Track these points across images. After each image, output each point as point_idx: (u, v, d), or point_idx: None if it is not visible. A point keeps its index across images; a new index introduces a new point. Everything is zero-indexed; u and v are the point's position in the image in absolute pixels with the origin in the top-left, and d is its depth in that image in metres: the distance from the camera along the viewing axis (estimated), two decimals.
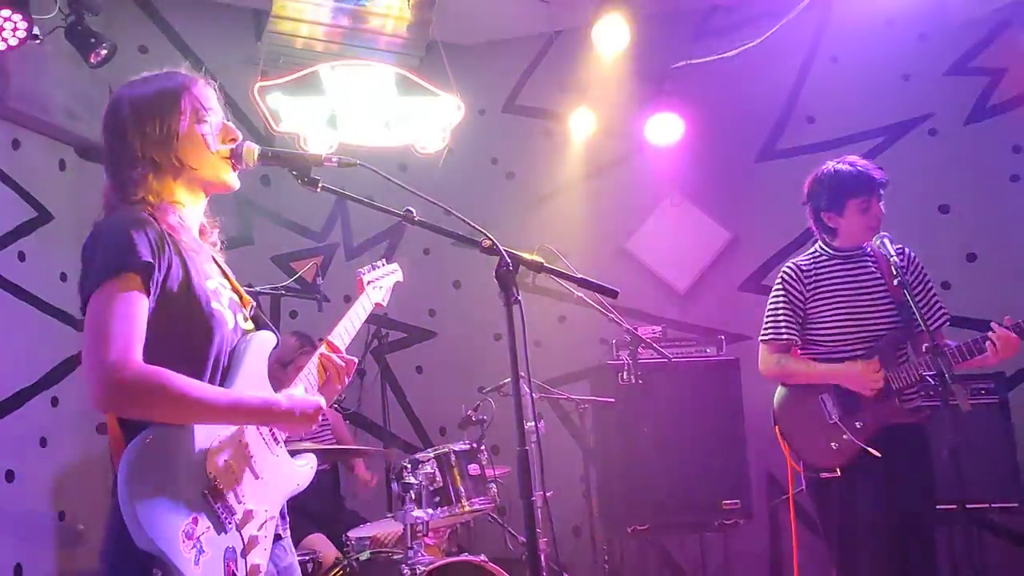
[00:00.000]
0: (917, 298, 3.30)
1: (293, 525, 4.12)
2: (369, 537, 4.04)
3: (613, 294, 2.21)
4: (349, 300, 5.38)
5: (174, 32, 5.16)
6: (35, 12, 3.98)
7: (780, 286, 3.56)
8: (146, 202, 1.91)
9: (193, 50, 5.08)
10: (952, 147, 5.37)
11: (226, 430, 1.86)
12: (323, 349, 2.16)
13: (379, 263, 2.63)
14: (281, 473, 1.99)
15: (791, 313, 3.51)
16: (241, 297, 2.08)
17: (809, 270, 3.53)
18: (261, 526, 1.88)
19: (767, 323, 3.59)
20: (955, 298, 5.17)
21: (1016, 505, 4.47)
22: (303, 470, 2.07)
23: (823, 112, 5.60)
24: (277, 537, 1.98)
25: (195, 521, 1.71)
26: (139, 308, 1.78)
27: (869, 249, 3.49)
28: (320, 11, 4.96)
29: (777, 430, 3.52)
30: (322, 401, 1.99)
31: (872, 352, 3.37)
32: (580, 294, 3.72)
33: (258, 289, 4.32)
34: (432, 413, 5.67)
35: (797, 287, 3.52)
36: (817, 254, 3.58)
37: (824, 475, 3.34)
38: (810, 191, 3.59)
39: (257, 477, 1.90)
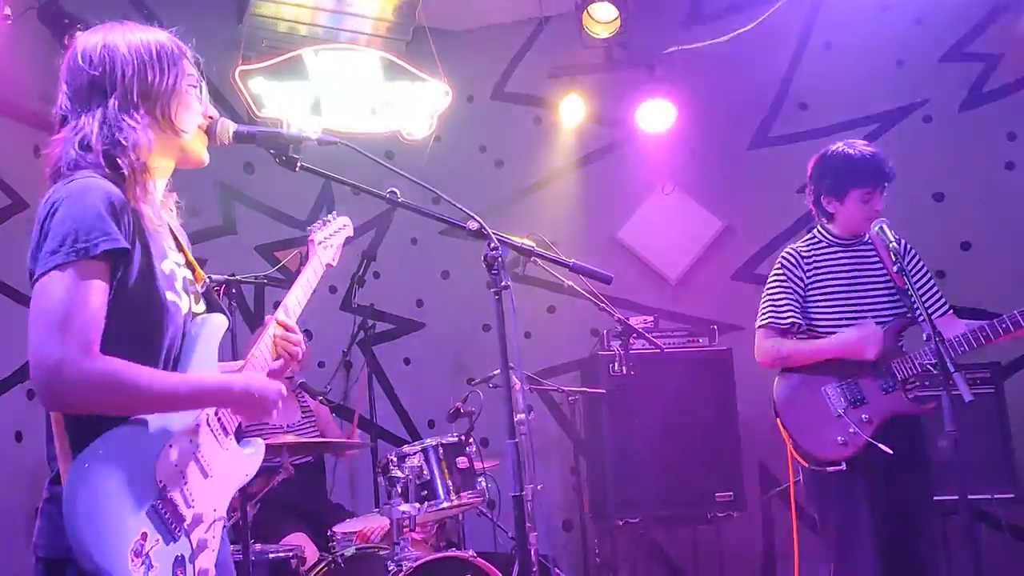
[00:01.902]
0: (917, 286, 3.24)
1: (277, 520, 4.08)
2: (355, 532, 3.96)
3: (606, 279, 2.13)
4: (335, 291, 5.38)
5: (152, 13, 5.02)
6: None
7: (780, 270, 3.48)
8: (117, 165, 1.75)
9: (172, 33, 4.93)
10: (947, 134, 5.31)
11: (178, 428, 1.76)
12: (274, 328, 2.04)
13: (329, 217, 2.47)
14: (231, 467, 1.91)
15: (792, 296, 3.42)
16: (195, 272, 1.95)
17: (808, 256, 3.46)
18: (209, 527, 1.80)
19: (765, 307, 3.49)
20: (950, 287, 5.10)
21: (1012, 496, 4.43)
22: (251, 458, 1.99)
23: (817, 98, 5.53)
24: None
25: (144, 536, 1.62)
26: (102, 298, 1.67)
27: (868, 237, 3.41)
28: None
29: (779, 423, 3.42)
30: (283, 388, 1.89)
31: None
32: (571, 283, 3.63)
33: (240, 278, 4.21)
34: (420, 405, 5.58)
35: (797, 272, 3.44)
36: (816, 240, 3.51)
37: (830, 469, 3.25)
38: (814, 171, 3.48)
39: (207, 476, 1.81)
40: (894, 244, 3.16)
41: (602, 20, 5.08)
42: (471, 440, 3.96)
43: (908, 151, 5.28)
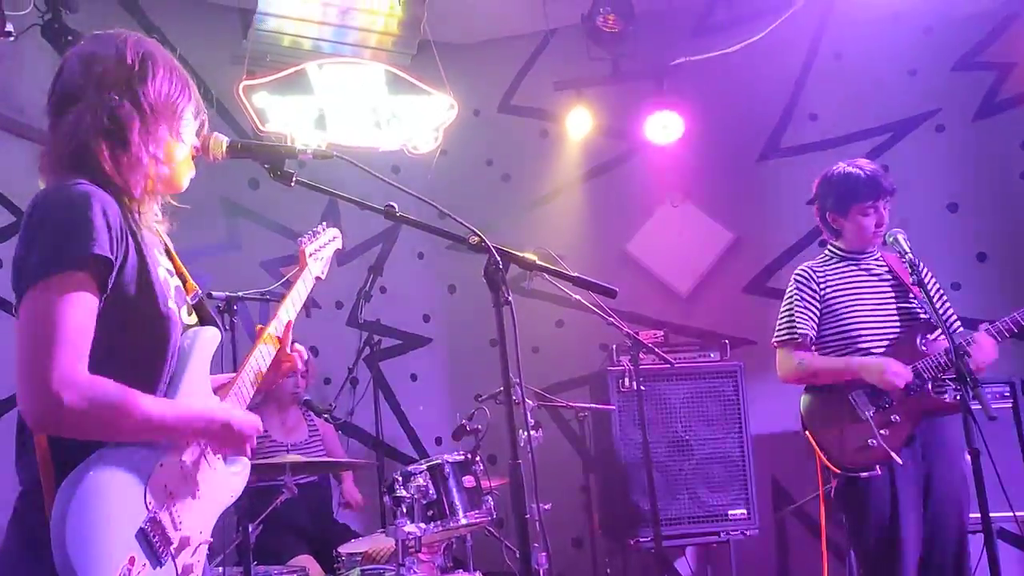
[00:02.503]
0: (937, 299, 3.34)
1: (282, 541, 4.02)
2: (360, 553, 3.89)
3: (611, 293, 2.06)
4: (341, 307, 5.34)
5: (157, 29, 5.01)
6: (9, 9, 3.85)
7: (794, 286, 3.57)
8: (106, 174, 1.67)
9: (176, 48, 4.89)
10: (960, 144, 5.23)
11: (169, 447, 1.70)
12: (260, 349, 1.97)
13: (319, 228, 2.40)
14: (219, 488, 1.84)
15: (806, 310, 3.50)
16: (186, 283, 1.86)
17: (821, 271, 3.55)
18: (195, 551, 1.74)
19: (782, 324, 3.56)
20: (966, 299, 5.03)
21: None
22: (237, 477, 1.91)
23: (827, 109, 5.47)
24: None
25: (131, 561, 1.56)
26: (90, 312, 1.58)
27: (878, 253, 3.53)
28: (308, 8, 4.82)
29: (808, 434, 3.45)
30: (259, 424, 1.84)
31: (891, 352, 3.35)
32: (578, 297, 3.57)
33: (244, 295, 4.17)
34: (427, 422, 5.51)
35: (811, 286, 3.52)
36: (827, 257, 3.61)
37: (864, 474, 3.26)
38: (818, 190, 3.61)
39: (195, 498, 1.75)
40: (910, 255, 3.23)
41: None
42: (478, 458, 3.89)
43: (921, 161, 5.21)
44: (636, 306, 5.43)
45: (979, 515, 2.94)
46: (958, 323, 3.47)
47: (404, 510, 3.56)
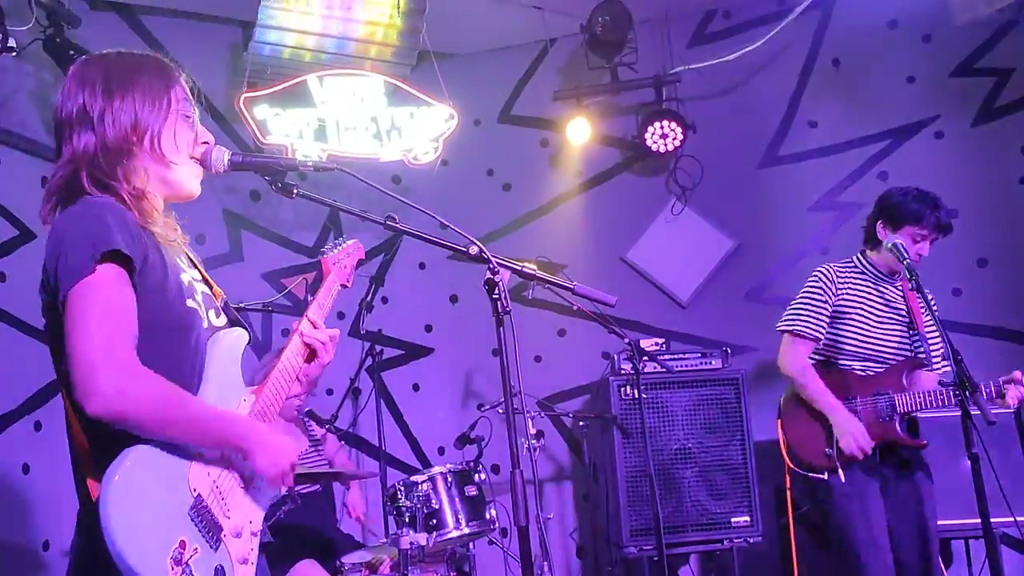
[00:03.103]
0: (927, 326, 3.53)
1: (284, 550, 4.02)
2: (364, 563, 3.89)
3: (609, 304, 2.07)
4: (343, 317, 5.35)
5: (157, 43, 5.05)
6: (11, 24, 3.87)
7: (817, 281, 3.62)
8: (114, 189, 1.74)
9: (177, 61, 4.94)
10: (959, 150, 5.24)
11: None
12: (305, 327, 2.03)
13: (339, 241, 2.45)
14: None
15: (819, 312, 3.57)
16: (212, 289, 1.93)
17: (843, 277, 3.61)
18: (247, 540, 1.77)
19: (797, 312, 3.62)
20: (966, 305, 5.05)
21: None
22: None
23: (826, 116, 5.48)
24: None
25: (182, 545, 1.59)
26: (132, 302, 1.65)
27: (900, 283, 3.59)
28: (307, 20, 4.85)
29: (779, 423, 3.66)
30: (288, 451, 1.83)
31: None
32: (580, 306, 3.59)
33: (245, 305, 4.18)
34: (429, 432, 5.52)
35: (831, 289, 3.59)
36: (852, 265, 3.66)
37: (812, 475, 3.49)
38: (884, 196, 3.62)
39: (241, 486, 1.78)
40: (908, 261, 3.27)
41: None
42: (480, 467, 3.90)
43: (920, 168, 5.22)
44: (637, 314, 5.44)
45: (979, 520, 2.95)
46: (946, 365, 3.55)
47: (407, 519, 3.58)
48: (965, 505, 3.34)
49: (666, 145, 5.30)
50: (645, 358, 4.46)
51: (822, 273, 3.62)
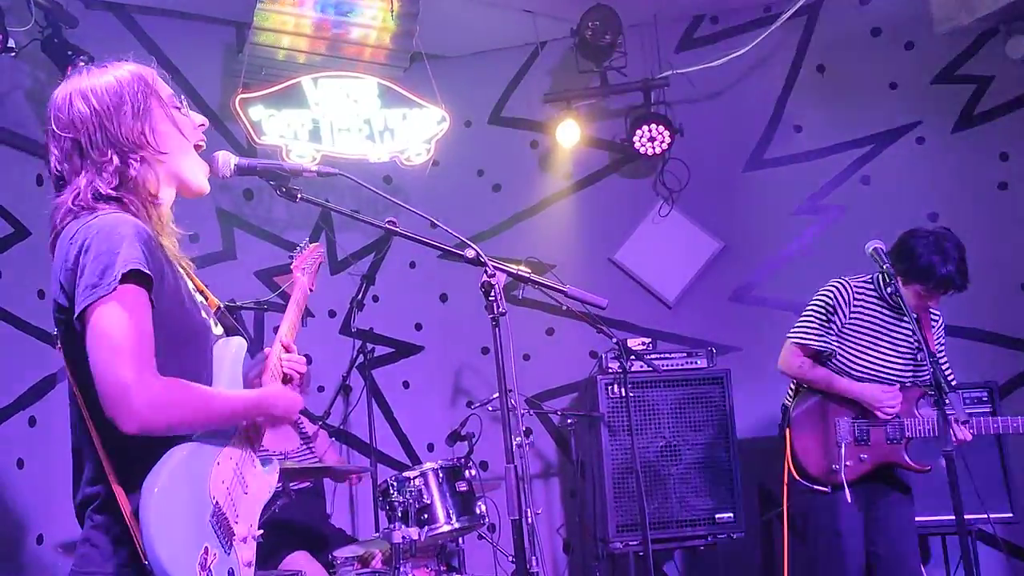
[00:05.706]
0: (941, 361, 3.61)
1: (277, 543, 4.08)
2: (355, 557, 3.96)
3: (599, 307, 2.15)
4: (334, 315, 5.41)
5: (153, 44, 5.09)
6: (9, 24, 3.91)
7: (832, 294, 3.70)
8: (126, 201, 1.80)
9: (173, 62, 4.99)
10: (940, 155, 5.34)
11: (221, 447, 1.84)
12: (280, 352, 2.12)
13: (303, 244, 2.56)
14: (260, 484, 1.99)
15: (828, 330, 3.68)
16: (207, 298, 2.01)
17: (859, 297, 3.69)
18: (248, 542, 1.88)
19: (804, 323, 3.74)
20: (945, 309, 5.13)
21: (1010, 516, 4.43)
22: (272, 475, 2.07)
23: (810, 121, 5.57)
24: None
25: (206, 551, 1.71)
26: (149, 320, 1.71)
27: (915, 313, 3.59)
28: (302, 22, 4.90)
29: (787, 433, 3.72)
30: (299, 399, 2.05)
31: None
32: (568, 305, 3.66)
33: (240, 304, 4.24)
34: (419, 429, 5.59)
35: (844, 309, 3.68)
36: (870, 287, 3.72)
37: (816, 487, 3.60)
38: (898, 246, 3.62)
39: (246, 493, 1.90)
40: (887, 266, 3.33)
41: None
42: (471, 463, 3.97)
43: (902, 172, 5.32)
44: (625, 314, 5.52)
45: (953, 518, 3.06)
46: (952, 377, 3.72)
47: (399, 514, 3.64)
48: (939, 503, 3.48)
49: (654, 148, 5.37)
50: (632, 357, 4.55)
51: (837, 290, 3.69)
